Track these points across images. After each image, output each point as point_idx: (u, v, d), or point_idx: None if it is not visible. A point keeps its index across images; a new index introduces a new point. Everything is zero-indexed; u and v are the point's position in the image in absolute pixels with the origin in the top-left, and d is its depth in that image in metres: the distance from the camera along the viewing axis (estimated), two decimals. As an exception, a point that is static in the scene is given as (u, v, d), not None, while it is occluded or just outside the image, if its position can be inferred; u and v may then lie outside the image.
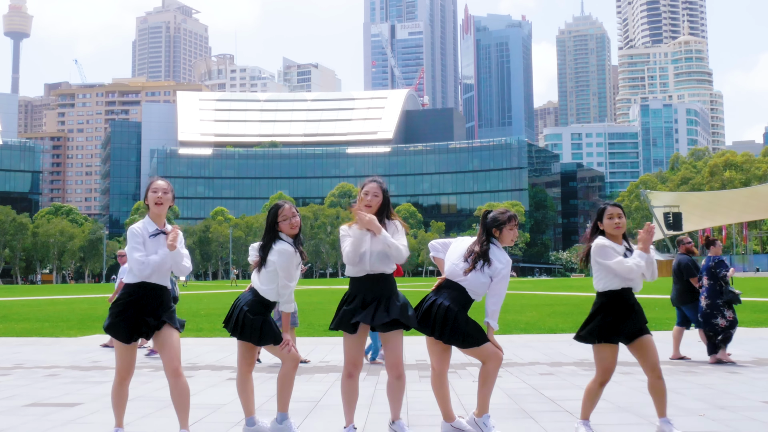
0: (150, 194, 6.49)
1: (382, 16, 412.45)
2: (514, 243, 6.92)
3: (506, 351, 14.20)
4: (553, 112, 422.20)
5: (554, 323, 20.60)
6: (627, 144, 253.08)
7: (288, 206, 6.76)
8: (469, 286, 6.53)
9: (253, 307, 6.62)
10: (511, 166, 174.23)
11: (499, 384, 9.94)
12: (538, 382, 10.20)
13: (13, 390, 10.09)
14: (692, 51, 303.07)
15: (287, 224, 6.70)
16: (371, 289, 6.32)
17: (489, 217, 6.82)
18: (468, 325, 6.38)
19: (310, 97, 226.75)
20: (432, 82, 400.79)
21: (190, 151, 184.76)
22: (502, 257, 6.63)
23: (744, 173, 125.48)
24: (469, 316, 6.51)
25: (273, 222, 6.72)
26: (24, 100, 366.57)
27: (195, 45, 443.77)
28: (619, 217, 6.63)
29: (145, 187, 6.22)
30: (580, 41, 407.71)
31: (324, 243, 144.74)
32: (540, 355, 13.54)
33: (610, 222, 6.62)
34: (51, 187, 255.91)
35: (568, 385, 9.88)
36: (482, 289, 6.58)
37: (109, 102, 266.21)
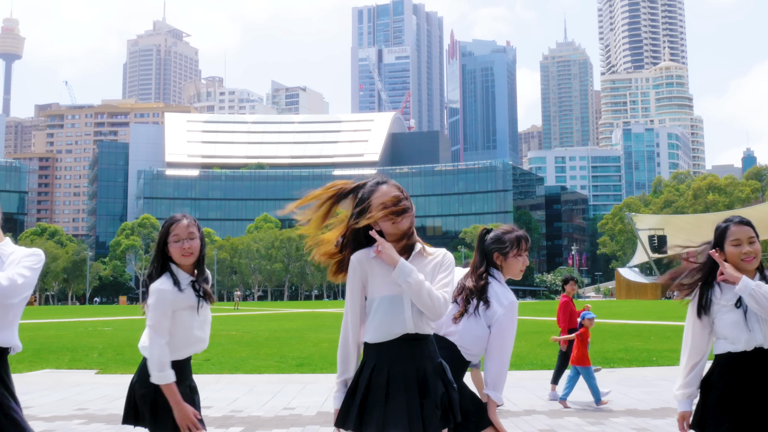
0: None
1: (370, 41, 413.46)
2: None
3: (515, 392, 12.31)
4: (537, 135, 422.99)
5: (547, 356, 18.61)
6: (610, 167, 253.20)
7: (186, 223, 4.36)
8: (461, 340, 4.38)
9: (143, 375, 4.30)
10: (496, 188, 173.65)
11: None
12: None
13: None
14: (673, 76, 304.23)
15: (177, 248, 4.30)
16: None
17: (489, 237, 4.75)
18: (464, 400, 4.15)
19: (298, 120, 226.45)
20: (418, 106, 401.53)
21: (177, 172, 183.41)
22: (504, 296, 4.47)
23: (727, 196, 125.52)
24: (465, 384, 4.40)
25: (163, 243, 4.37)
26: (14, 121, 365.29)
27: (185, 68, 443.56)
28: (750, 243, 4.31)
29: (133, 208, 4.03)
30: (564, 66, 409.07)
31: (309, 265, 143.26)
32: (535, 399, 11.62)
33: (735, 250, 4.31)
34: (39, 207, 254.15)
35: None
36: (479, 345, 4.42)
37: (98, 123, 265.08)
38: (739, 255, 4.27)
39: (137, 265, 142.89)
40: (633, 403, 11.02)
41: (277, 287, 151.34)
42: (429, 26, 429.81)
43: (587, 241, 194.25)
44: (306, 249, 3.95)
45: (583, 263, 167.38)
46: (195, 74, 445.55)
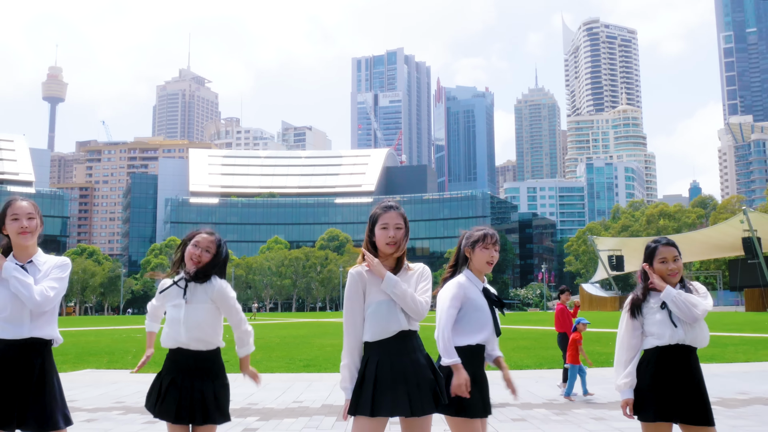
0: None
1: (367, 87, 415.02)
2: (491, 266, 4.69)
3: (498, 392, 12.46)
4: (511, 169, 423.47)
5: (519, 358, 18.77)
6: (575, 197, 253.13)
7: (205, 237, 4.66)
8: None
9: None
10: (476, 215, 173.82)
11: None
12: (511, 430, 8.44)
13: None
14: (629, 118, 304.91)
15: (188, 254, 4.65)
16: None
17: (464, 235, 4.88)
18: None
19: (304, 155, 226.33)
20: (409, 143, 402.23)
21: (200, 200, 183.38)
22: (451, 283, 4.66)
23: (676, 221, 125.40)
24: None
25: (183, 246, 4.71)
26: (58, 156, 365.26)
27: (206, 109, 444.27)
28: (674, 261, 4.66)
29: (162, 231, 4.27)
30: (535, 109, 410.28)
31: (314, 281, 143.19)
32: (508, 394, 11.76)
33: (662, 267, 4.64)
34: (79, 230, 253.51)
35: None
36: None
37: (131, 157, 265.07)
38: (666, 270, 4.62)
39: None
40: (593, 398, 11.16)
41: (286, 300, 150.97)
42: (418, 74, 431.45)
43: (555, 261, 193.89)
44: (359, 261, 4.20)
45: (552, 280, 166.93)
46: (215, 115, 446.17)
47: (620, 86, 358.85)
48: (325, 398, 11.42)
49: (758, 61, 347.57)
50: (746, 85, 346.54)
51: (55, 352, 4.20)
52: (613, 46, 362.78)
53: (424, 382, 4.02)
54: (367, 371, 4.02)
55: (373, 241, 4.19)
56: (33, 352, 4.08)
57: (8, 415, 3.93)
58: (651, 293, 4.66)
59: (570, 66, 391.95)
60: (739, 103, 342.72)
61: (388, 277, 4.00)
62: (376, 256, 4.15)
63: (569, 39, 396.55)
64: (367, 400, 3.94)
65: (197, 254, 4.49)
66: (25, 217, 4.22)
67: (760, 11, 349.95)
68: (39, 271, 4.17)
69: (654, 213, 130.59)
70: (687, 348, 4.49)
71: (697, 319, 4.47)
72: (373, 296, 4.06)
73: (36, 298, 4.00)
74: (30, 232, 4.22)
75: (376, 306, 4.03)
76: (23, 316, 4.06)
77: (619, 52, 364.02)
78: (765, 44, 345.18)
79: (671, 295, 4.49)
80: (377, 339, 4.03)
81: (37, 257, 4.26)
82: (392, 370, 3.98)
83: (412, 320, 4.08)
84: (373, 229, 4.23)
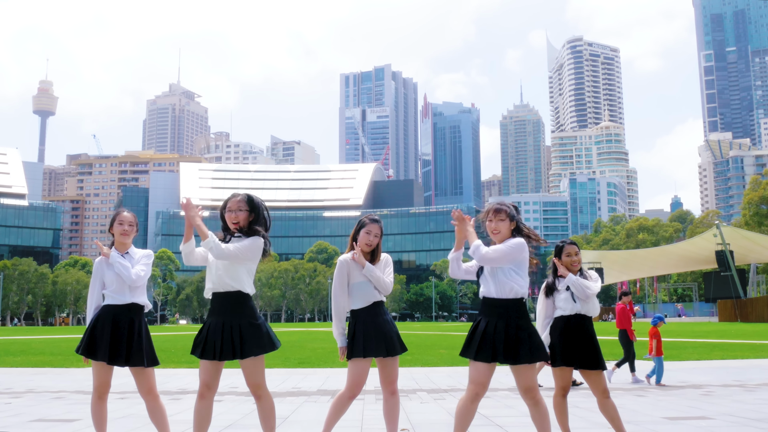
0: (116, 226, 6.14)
1: (355, 102, 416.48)
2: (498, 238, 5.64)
3: (453, 381, 14.13)
4: (497, 183, 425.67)
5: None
6: (558, 211, 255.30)
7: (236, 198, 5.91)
8: None
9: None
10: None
11: (441, 405, 9.88)
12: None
13: (22, 409, 9.83)
14: (612, 134, 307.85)
15: (227, 217, 5.86)
16: None
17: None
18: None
19: (293, 169, 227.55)
20: (396, 158, 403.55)
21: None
22: None
23: (654, 235, 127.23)
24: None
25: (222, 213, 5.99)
26: (48, 168, 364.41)
27: (196, 124, 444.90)
28: (576, 255, 6.51)
29: (153, 243, 6.07)
30: (520, 125, 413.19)
31: (303, 292, 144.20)
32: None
33: (567, 259, 6.48)
34: (70, 242, 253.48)
35: (501, 405, 9.78)
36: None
37: (122, 171, 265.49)
38: (570, 262, 6.49)
39: (156, 291, 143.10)
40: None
41: (275, 311, 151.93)
42: (405, 90, 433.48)
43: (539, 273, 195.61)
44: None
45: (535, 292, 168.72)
46: (205, 129, 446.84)
47: (603, 103, 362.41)
48: (320, 385, 13.05)
49: (738, 79, 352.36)
50: (726, 103, 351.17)
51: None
52: (596, 63, 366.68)
53: (393, 334, 5.87)
54: (356, 328, 5.84)
55: (356, 238, 6.02)
56: (133, 312, 5.97)
57: (120, 355, 5.78)
58: (559, 279, 6.52)
59: (554, 83, 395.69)
60: (719, 120, 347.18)
61: (368, 266, 5.86)
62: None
63: (553, 57, 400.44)
64: (359, 346, 5.77)
65: (233, 217, 5.78)
66: (127, 224, 6.13)
67: (740, 31, 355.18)
68: (133, 259, 6.07)
69: (633, 227, 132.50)
70: (583, 317, 6.37)
71: (589, 296, 6.38)
72: (354, 278, 5.92)
73: (132, 277, 5.90)
74: (127, 234, 6.13)
75: (358, 285, 5.92)
76: (124, 288, 5.95)
77: (602, 69, 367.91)
78: (744, 63, 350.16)
79: (572, 280, 6.39)
80: (360, 307, 5.90)
81: (131, 250, 6.17)
82: (373, 326, 5.83)
83: (381, 294, 5.95)
84: (359, 231, 6.02)
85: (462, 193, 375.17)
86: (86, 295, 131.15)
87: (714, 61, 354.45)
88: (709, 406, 9.45)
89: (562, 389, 6.32)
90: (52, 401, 10.81)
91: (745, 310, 65.02)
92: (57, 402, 10.69)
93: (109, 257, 5.97)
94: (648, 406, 9.62)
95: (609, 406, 6.14)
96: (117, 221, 6.12)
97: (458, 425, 5.34)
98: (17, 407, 10.05)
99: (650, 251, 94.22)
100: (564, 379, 6.31)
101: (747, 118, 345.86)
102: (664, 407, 9.43)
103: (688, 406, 9.58)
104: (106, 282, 5.96)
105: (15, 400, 10.95)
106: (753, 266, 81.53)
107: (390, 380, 5.90)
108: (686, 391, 11.49)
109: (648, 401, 10.21)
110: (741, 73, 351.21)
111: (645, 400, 10.42)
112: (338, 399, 5.85)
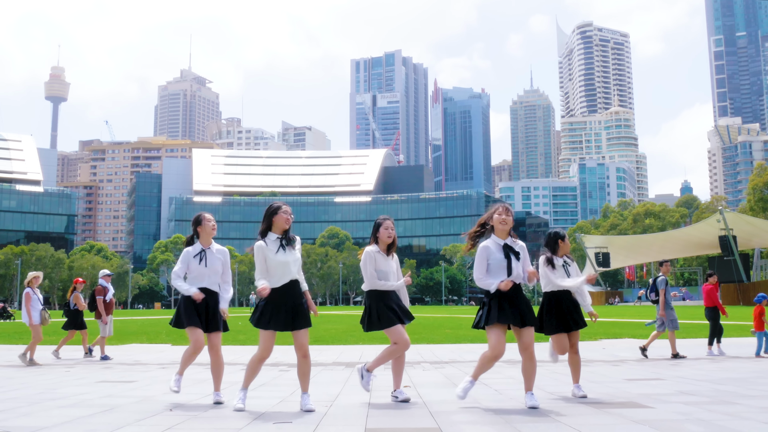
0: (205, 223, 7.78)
1: (366, 88, 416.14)
2: (504, 232, 7.23)
3: (454, 355, 15.69)
4: (507, 168, 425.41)
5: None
6: (568, 196, 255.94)
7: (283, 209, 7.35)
8: None
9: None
10: (471, 213, 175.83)
11: (441, 372, 11.44)
12: (470, 371, 11.61)
13: (83, 375, 11.50)
14: (621, 120, 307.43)
15: (282, 219, 7.25)
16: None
17: None
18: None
19: (304, 155, 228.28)
20: (406, 143, 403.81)
21: (203, 199, 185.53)
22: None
23: (661, 220, 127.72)
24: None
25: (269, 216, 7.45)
26: (61, 155, 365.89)
27: (208, 109, 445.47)
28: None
29: (166, 229, 7.68)
30: (530, 110, 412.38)
31: (315, 276, 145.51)
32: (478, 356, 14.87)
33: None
34: (84, 228, 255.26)
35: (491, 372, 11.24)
36: None
37: (135, 157, 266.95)
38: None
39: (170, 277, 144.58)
40: (587, 356, 14.27)
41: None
42: (416, 76, 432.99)
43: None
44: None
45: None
46: (216, 115, 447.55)
47: (613, 88, 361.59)
48: (335, 359, 14.55)
49: (747, 64, 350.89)
50: (736, 88, 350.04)
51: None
52: (606, 49, 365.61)
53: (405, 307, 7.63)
54: (379, 309, 7.44)
55: (376, 237, 7.64)
56: (213, 294, 7.79)
57: (206, 323, 7.64)
58: (555, 258, 8.17)
59: (564, 68, 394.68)
60: (729, 105, 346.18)
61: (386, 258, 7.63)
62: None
63: (563, 42, 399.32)
64: (380, 319, 7.43)
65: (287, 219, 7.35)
66: (214, 221, 7.95)
67: (750, 15, 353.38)
68: (213, 254, 7.78)
69: (640, 212, 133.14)
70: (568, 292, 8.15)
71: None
72: (381, 266, 7.53)
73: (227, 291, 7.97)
74: (213, 232, 7.89)
75: (380, 273, 7.53)
76: (207, 280, 7.80)
77: (612, 54, 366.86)
78: (754, 48, 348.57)
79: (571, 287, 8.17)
80: (384, 290, 7.51)
81: (213, 246, 7.88)
82: (392, 302, 7.50)
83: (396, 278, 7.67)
84: (378, 230, 7.63)
85: (472, 179, 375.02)
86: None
87: (724, 45, 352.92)
88: (668, 372, 10.99)
89: (565, 348, 8.09)
90: (103, 370, 12.46)
91: (748, 294, 66.21)
92: (108, 371, 12.33)
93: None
94: (616, 372, 11.15)
95: (575, 360, 8.15)
96: (204, 220, 7.76)
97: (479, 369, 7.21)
98: (78, 373, 11.72)
99: (656, 236, 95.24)
100: (564, 343, 8.05)
101: (757, 103, 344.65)
102: (629, 373, 10.96)
103: (651, 372, 11.13)
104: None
105: (72, 369, 12.63)
106: (757, 251, 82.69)
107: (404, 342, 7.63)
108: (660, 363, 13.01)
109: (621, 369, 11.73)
110: (751, 58, 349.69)
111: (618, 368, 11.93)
112: (390, 351, 7.44)
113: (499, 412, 6.89)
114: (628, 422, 6.20)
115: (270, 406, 7.43)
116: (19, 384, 9.99)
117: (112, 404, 7.69)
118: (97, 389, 9.22)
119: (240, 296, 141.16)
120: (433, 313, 59.66)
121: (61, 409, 7.37)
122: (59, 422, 6.42)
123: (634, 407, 7.11)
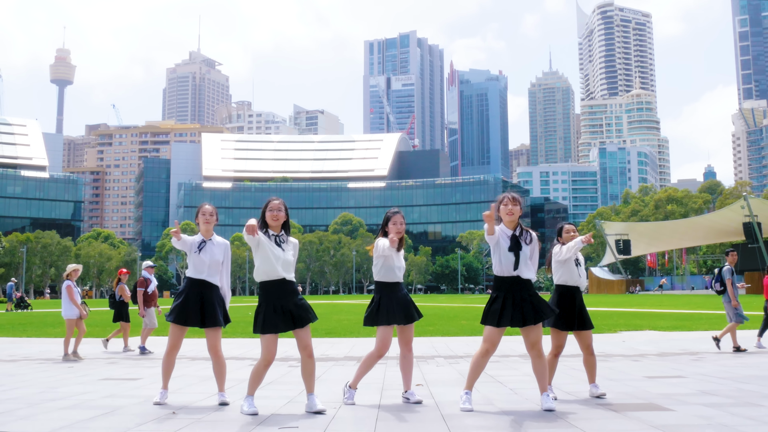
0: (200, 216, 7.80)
1: (380, 70, 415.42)
2: (512, 222, 7.24)
3: (465, 348, 15.63)
4: (525, 153, 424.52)
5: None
6: (587, 181, 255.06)
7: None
8: None
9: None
10: (488, 199, 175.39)
11: (455, 368, 11.39)
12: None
13: (87, 371, 11.51)
14: (643, 103, 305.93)
15: (270, 216, 7.20)
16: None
17: None
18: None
19: (317, 139, 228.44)
20: (421, 127, 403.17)
21: (213, 184, 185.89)
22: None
23: (683, 206, 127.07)
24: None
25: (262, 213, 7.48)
26: (67, 139, 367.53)
27: (217, 93, 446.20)
28: (574, 232, 8.03)
29: (174, 215, 7.64)
30: (549, 93, 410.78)
31: (328, 264, 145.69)
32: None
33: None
34: (91, 215, 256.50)
35: (507, 368, 11.25)
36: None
37: (142, 141, 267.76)
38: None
39: (180, 264, 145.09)
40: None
41: (299, 284, 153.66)
42: (431, 57, 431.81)
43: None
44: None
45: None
46: (226, 98, 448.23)
47: (634, 70, 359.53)
48: (347, 352, 14.57)
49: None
50: (761, 69, 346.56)
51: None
52: (627, 29, 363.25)
53: (410, 305, 7.58)
54: (381, 300, 7.45)
55: (385, 231, 7.63)
56: (213, 287, 7.81)
57: (200, 317, 7.62)
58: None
59: (584, 49, 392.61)
60: (754, 87, 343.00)
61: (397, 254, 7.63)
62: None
63: (583, 22, 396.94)
64: (383, 316, 7.42)
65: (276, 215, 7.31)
66: (209, 214, 7.81)
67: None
68: (214, 245, 7.80)
69: (662, 198, 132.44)
70: (577, 288, 8.13)
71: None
72: (394, 260, 7.54)
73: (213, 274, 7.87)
74: (210, 224, 7.81)
75: (393, 262, 7.57)
76: (207, 271, 7.79)
77: (633, 35, 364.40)
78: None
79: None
80: (393, 281, 7.55)
81: (214, 237, 7.88)
82: (395, 299, 7.50)
83: (400, 276, 7.62)
84: (387, 224, 7.62)
85: (489, 163, 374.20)
86: (109, 268, 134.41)
87: (749, 26, 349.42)
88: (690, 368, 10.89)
89: (557, 348, 8.01)
90: (107, 366, 12.48)
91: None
92: (112, 366, 12.35)
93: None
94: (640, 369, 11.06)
95: (591, 361, 8.05)
96: (200, 213, 7.76)
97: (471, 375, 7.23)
98: (80, 369, 11.74)
99: (678, 223, 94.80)
100: (559, 341, 7.99)
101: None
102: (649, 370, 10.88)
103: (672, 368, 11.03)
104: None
105: (75, 365, 12.65)
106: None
107: (406, 341, 7.62)
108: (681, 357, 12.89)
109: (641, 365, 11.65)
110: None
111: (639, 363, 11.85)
112: (368, 357, 7.61)
113: (513, 415, 6.86)
114: (646, 427, 6.14)
115: (277, 408, 7.40)
116: (21, 382, 9.99)
117: (113, 405, 7.67)
118: (99, 388, 9.21)
119: (251, 285, 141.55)
120: (448, 302, 59.64)
121: (61, 411, 7.35)
122: (58, 427, 6.40)
123: (654, 410, 7.06)
